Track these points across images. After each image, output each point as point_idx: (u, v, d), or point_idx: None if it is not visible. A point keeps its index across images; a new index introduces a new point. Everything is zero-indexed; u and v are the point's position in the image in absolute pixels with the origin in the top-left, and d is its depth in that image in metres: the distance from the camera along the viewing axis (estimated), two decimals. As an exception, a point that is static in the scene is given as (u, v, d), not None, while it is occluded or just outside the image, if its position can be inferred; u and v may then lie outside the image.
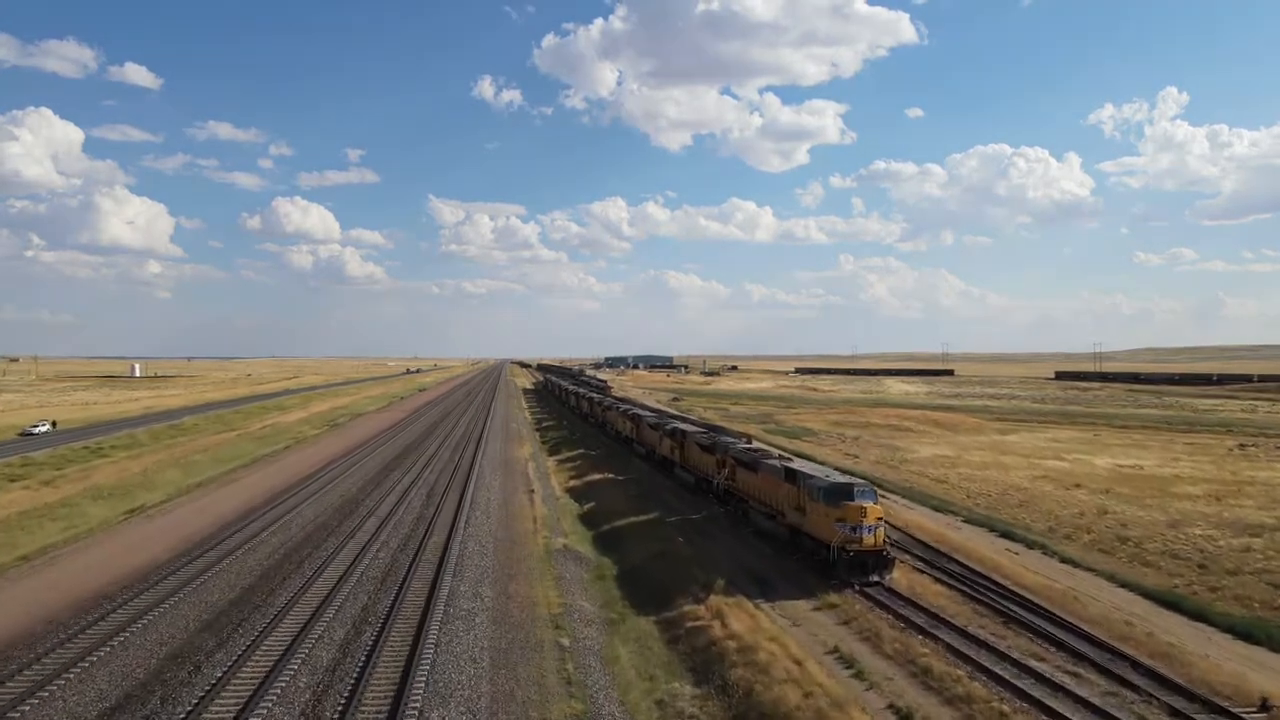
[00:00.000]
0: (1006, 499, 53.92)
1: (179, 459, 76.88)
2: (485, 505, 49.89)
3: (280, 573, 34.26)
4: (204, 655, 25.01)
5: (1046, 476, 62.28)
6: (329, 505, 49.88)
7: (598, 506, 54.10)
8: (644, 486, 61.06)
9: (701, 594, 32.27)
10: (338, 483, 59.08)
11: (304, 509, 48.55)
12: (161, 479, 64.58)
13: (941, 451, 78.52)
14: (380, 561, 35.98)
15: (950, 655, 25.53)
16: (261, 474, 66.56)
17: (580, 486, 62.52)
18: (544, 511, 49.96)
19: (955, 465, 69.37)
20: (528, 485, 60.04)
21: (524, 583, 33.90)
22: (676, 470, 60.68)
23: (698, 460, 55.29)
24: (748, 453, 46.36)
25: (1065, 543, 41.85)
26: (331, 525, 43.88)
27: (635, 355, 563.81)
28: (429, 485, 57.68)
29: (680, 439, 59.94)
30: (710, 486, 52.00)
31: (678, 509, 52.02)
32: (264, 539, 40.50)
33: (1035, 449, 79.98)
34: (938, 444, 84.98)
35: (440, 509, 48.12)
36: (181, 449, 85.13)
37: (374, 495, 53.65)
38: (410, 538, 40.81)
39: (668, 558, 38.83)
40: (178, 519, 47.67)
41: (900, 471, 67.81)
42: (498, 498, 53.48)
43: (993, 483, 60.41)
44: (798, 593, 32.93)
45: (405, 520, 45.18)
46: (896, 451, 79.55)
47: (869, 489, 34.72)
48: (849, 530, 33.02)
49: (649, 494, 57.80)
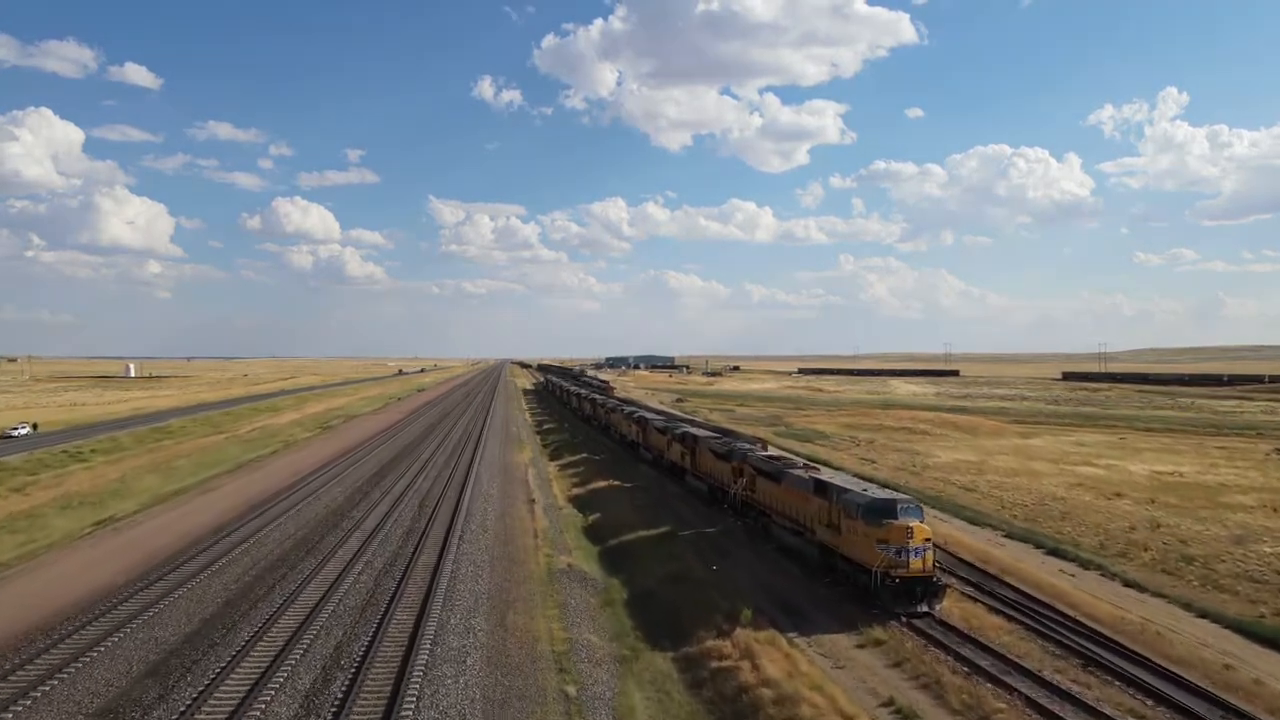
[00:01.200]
0: (1046, 510, 49.87)
1: (160, 464, 72.91)
2: (482, 517, 45.89)
3: (246, 601, 30.22)
4: (140, 712, 20.97)
5: (1083, 484, 58.22)
6: (311, 518, 45.85)
7: (603, 518, 50.11)
8: (652, 495, 57.03)
9: (726, 625, 28.25)
10: (324, 491, 55.06)
11: (284, 522, 44.53)
12: (138, 486, 60.60)
13: (964, 456, 74.46)
14: (361, 587, 31.91)
15: (1032, 712, 21.45)
16: (244, 481, 62.54)
17: (584, 495, 58.52)
18: (545, 524, 45.96)
19: (982, 471, 65.32)
20: (528, 494, 56.05)
21: (524, 612, 29.88)
22: (688, 478, 56.66)
23: (711, 467, 51.30)
24: (769, 461, 42.30)
25: (1122, 561, 37.78)
26: (312, 541, 39.83)
27: (636, 355, 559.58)
28: (422, 494, 53.65)
29: (691, 444, 55.94)
30: (725, 496, 47.99)
31: (690, 521, 48.00)
32: (235, 558, 36.45)
33: (1062, 453, 75.92)
34: (958, 448, 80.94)
35: (433, 522, 44.11)
36: (164, 453, 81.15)
37: (362, 506, 49.63)
38: (398, 556, 36.77)
39: (684, 580, 34.82)
40: (146, 533, 43.66)
41: (923, 478, 63.77)
42: (495, 508, 49.48)
43: (1026, 491, 56.37)
44: (836, 625, 28.88)
45: (393, 535, 41.13)
46: (915, 456, 75.51)
47: (914, 505, 30.62)
48: (893, 553, 28.95)
49: (658, 504, 53.78)
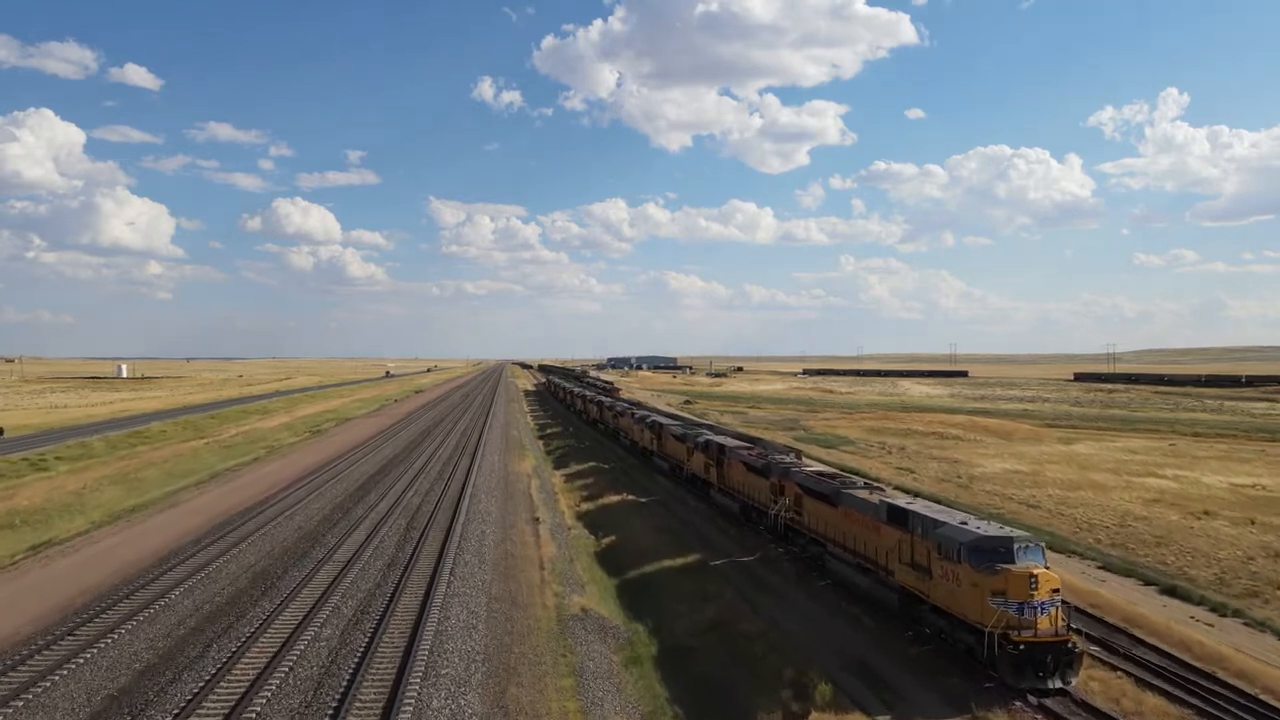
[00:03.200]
0: (1133, 533, 43.07)
1: (127, 474, 66.15)
2: (479, 543, 39.12)
3: (170, 667, 23.43)
4: None
5: (1159, 500, 51.37)
6: (278, 545, 39.07)
7: (619, 541, 43.37)
8: (673, 513, 50.29)
9: (796, 705, 21.56)
10: (301, 508, 48.30)
11: (244, 550, 37.74)
12: (95, 500, 53.88)
13: (1011, 465, 67.61)
14: (321, 648, 25.06)
15: None
16: (215, 494, 55.79)
17: (594, 511, 51.79)
18: (553, 551, 39.20)
19: (1038, 483, 58.47)
20: (531, 510, 49.31)
21: (529, 683, 23.12)
22: (713, 493, 49.87)
23: (742, 483, 44.53)
24: (820, 479, 35.42)
25: (1257, 604, 30.97)
26: (272, 577, 33.05)
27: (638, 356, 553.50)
28: (410, 512, 46.86)
29: (717, 455, 49.14)
30: (762, 518, 41.24)
31: (722, 547, 41.25)
32: (172, 603, 29.63)
33: (1117, 462, 69.04)
34: (1001, 456, 74.08)
35: (420, 549, 37.31)
36: (135, 461, 74.35)
37: (340, 527, 42.85)
38: (372, 600, 29.98)
39: (727, 630, 28.10)
40: (80, 563, 36.89)
41: (973, 492, 56.98)
42: (495, 530, 42.72)
43: (1096, 508, 49.58)
44: (939, 704, 22.05)
45: (371, 569, 34.30)
46: (956, 465, 68.69)
47: (1034, 543, 23.69)
48: (1014, 610, 22.11)
49: (681, 524, 47.04)
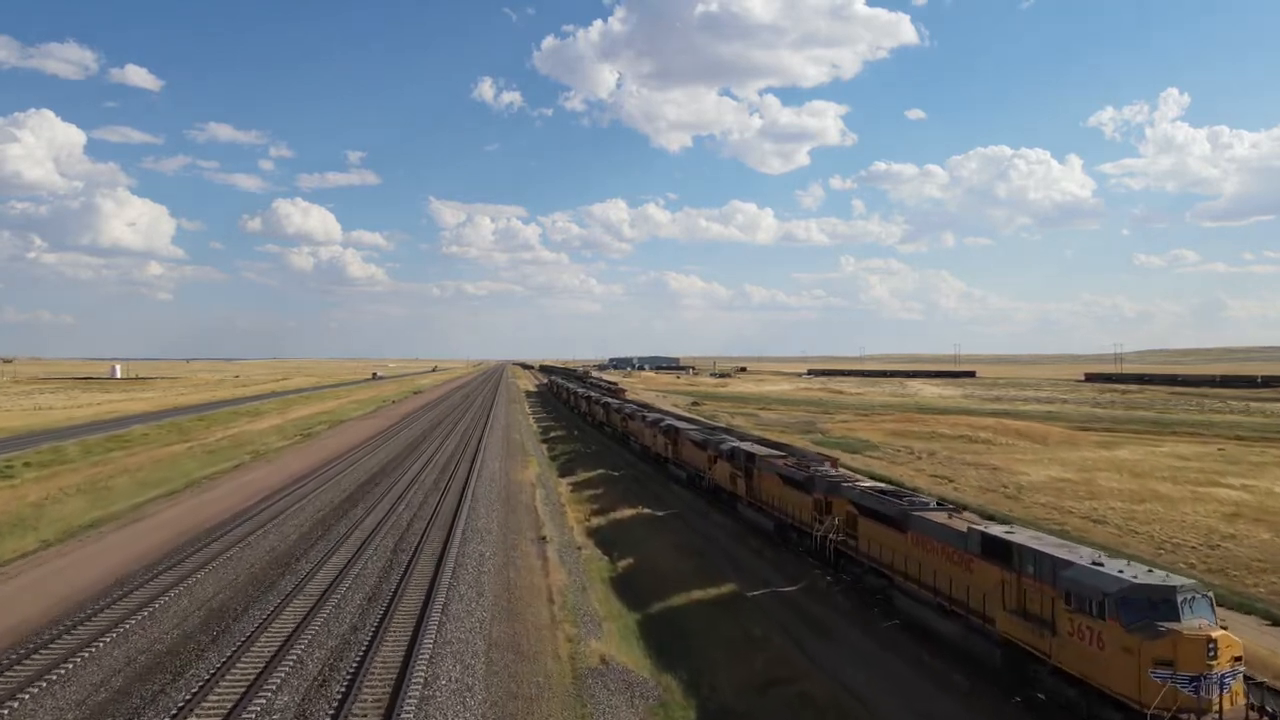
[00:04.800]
0: (1226, 555, 37.63)
1: (97, 482, 60.76)
2: (476, 570, 33.71)
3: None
4: None
5: (1239, 514, 45.87)
6: (243, 572, 33.63)
7: (638, 564, 37.98)
8: (695, 529, 44.91)
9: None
10: (276, 525, 42.90)
11: (202, 579, 32.28)
12: (54, 514, 48.42)
13: (1056, 473, 62.14)
14: (275, 720, 19.68)
15: None
16: (186, 506, 50.37)
17: (606, 527, 46.41)
18: (563, 578, 33.79)
19: (1094, 494, 53.03)
20: (537, 527, 43.92)
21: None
22: (741, 507, 44.49)
23: (777, 497, 39.12)
24: (882, 498, 29.93)
25: None
26: (228, 617, 27.62)
27: (640, 356, 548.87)
28: (400, 530, 41.43)
29: (745, 465, 43.71)
30: (804, 538, 35.87)
31: (757, 571, 35.85)
32: (99, 653, 24.21)
33: (1171, 470, 63.55)
34: (1041, 461, 68.62)
35: (408, 580, 31.89)
36: (109, 467, 68.96)
37: (318, 549, 37.41)
38: (345, 651, 24.53)
39: (784, 691, 22.70)
40: (13, 592, 31.48)
41: (1024, 503, 51.61)
42: (495, 552, 37.31)
43: (1171, 523, 44.17)
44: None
45: (348, 607, 28.83)
46: (997, 473, 63.27)
47: (1200, 593, 18.16)
48: (1186, 684, 16.69)
49: (706, 542, 41.65)
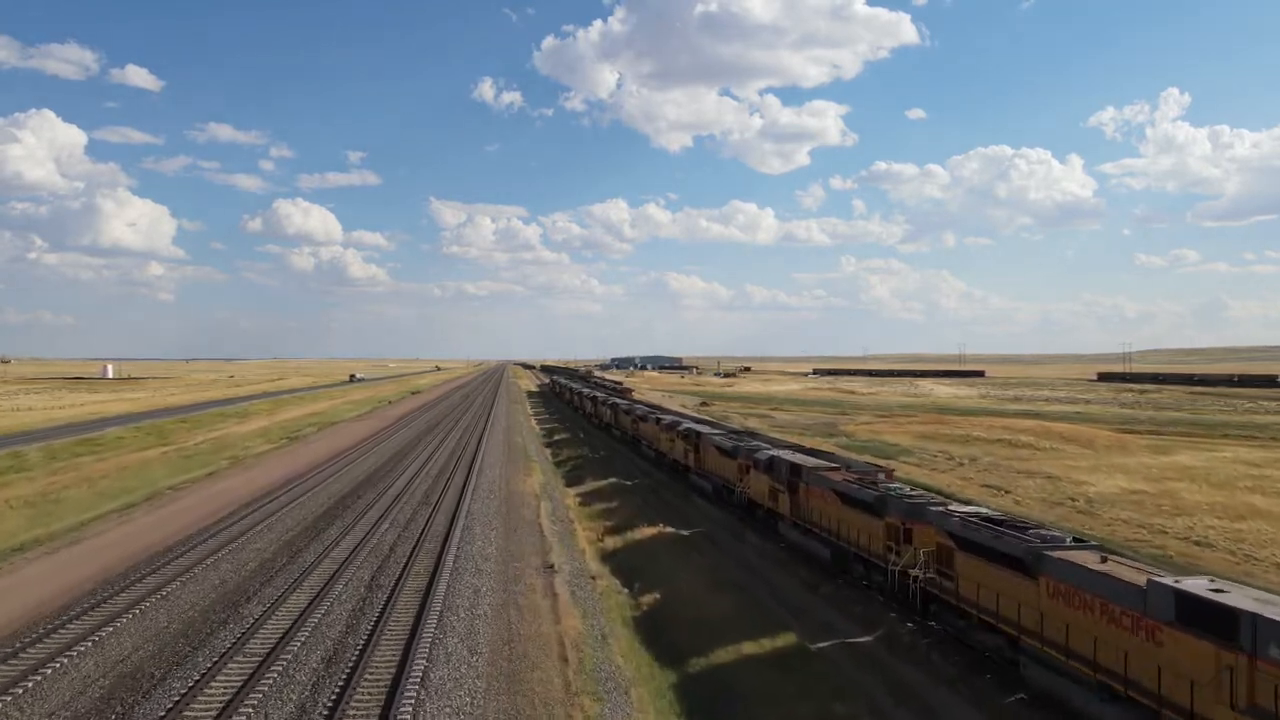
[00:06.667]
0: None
1: (48, 493, 54.25)
2: (469, 613, 27.12)
3: None
4: None
5: (1364, 535, 39.37)
6: (177, 616, 26.94)
7: (666, 601, 31.36)
8: (729, 554, 38.28)
9: None
10: (235, 549, 36.26)
11: (124, 628, 25.64)
12: (-13, 532, 42.00)
13: (1124, 483, 55.44)
14: None
15: None
16: (139, 524, 43.78)
17: (624, 551, 39.77)
18: (578, 623, 27.17)
19: (1181, 509, 46.37)
20: (543, 551, 37.28)
21: None
22: (783, 527, 37.84)
23: (834, 518, 32.46)
24: (995, 532, 23.11)
25: None
26: (141, 687, 21.01)
27: (643, 356, 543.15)
28: (380, 557, 34.79)
29: (790, 479, 36.95)
30: (870, 570, 29.30)
31: (815, 612, 29.24)
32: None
33: (1250, 479, 56.74)
34: (1100, 469, 61.90)
35: (382, 629, 25.29)
36: (69, 475, 62.43)
37: (277, 583, 30.78)
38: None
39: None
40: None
41: (1101, 520, 45.01)
42: (493, 586, 30.71)
43: (1287, 547, 37.61)
44: None
45: (298, 675, 22.13)
46: (1056, 483, 56.64)
47: None
48: None
49: (746, 572, 35.00)
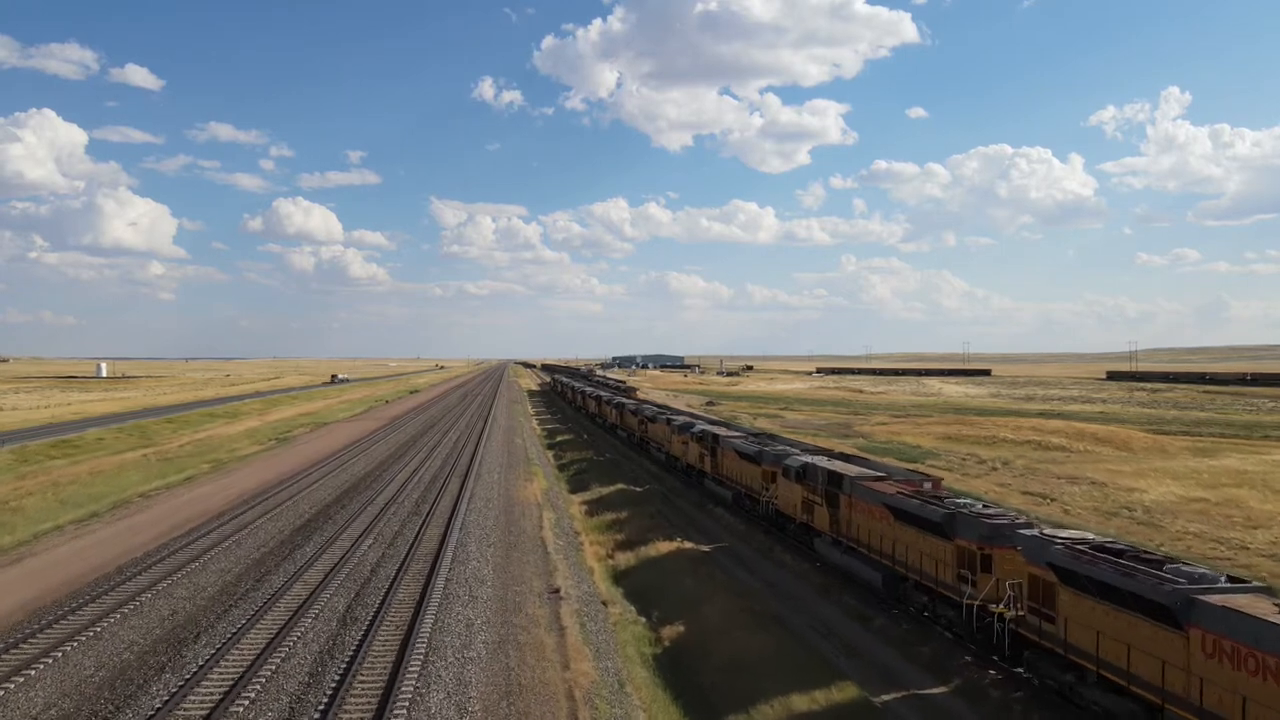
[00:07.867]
0: None
1: (7, 501, 49.74)
2: (459, 655, 22.56)
3: None
4: None
5: None
6: (109, 658, 22.38)
7: (692, 634, 26.81)
8: (760, 576, 33.70)
9: None
10: (197, 568, 31.69)
11: (41, 677, 21.12)
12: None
13: (1178, 490, 50.90)
14: None
15: None
16: (95, 538, 39.22)
17: (638, 570, 35.20)
18: (589, 668, 22.60)
19: (1254, 520, 41.82)
20: (546, 572, 32.69)
21: None
22: (823, 546, 33.26)
23: (888, 538, 27.88)
24: (1117, 568, 18.34)
25: None
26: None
27: (644, 355, 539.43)
28: (359, 581, 30.21)
29: (829, 489, 32.37)
30: (936, 602, 24.74)
31: (873, 653, 24.66)
32: None
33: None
34: (1146, 474, 57.27)
35: (347, 687, 20.75)
36: (37, 480, 57.90)
37: (235, 614, 26.19)
38: None
39: None
40: None
41: (1167, 533, 40.48)
42: (489, 619, 26.14)
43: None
44: None
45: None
46: (1104, 490, 52.12)
47: None
48: None
49: (782, 601, 30.40)
